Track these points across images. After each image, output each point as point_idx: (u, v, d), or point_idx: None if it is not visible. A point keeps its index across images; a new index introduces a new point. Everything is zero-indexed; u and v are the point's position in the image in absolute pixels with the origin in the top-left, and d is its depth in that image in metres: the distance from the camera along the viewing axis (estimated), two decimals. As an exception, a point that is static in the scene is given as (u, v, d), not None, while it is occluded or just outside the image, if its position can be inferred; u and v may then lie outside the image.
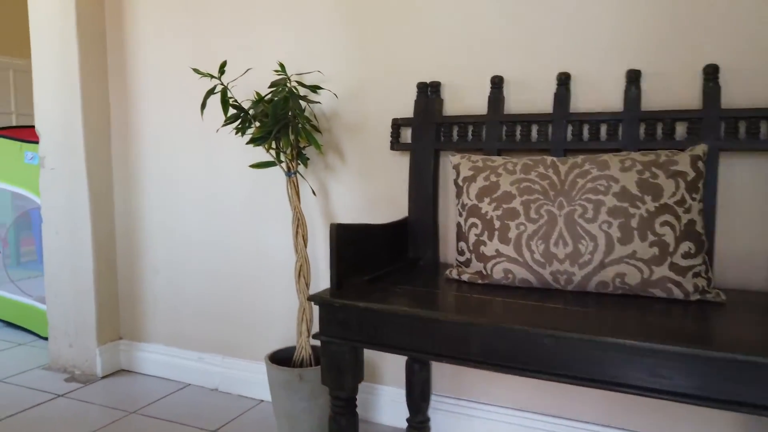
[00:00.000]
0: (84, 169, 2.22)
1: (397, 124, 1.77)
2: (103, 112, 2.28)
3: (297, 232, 1.77)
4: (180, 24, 2.13)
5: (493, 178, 1.48)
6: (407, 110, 1.79)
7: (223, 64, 1.80)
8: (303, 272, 1.76)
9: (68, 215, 2.28)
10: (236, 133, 1.79)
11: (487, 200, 1.47)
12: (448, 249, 1.77)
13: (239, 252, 2.11)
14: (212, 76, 1.78)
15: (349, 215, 1.91)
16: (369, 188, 1.88)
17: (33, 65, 2.27)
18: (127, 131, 2.29)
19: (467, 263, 1.49)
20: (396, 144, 1.77)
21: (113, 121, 2.31)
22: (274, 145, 1.76)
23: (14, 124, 5.83)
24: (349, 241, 1.43)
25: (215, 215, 2.15)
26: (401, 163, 1.81)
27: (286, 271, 2.03)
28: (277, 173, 2.01)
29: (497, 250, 1.41)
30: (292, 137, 1.73)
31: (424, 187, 1.72)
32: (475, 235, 1.47)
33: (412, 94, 1.78)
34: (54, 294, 2.35)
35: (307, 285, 1.77)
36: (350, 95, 1.88)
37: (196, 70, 1.78)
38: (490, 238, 1.43)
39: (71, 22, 2.16)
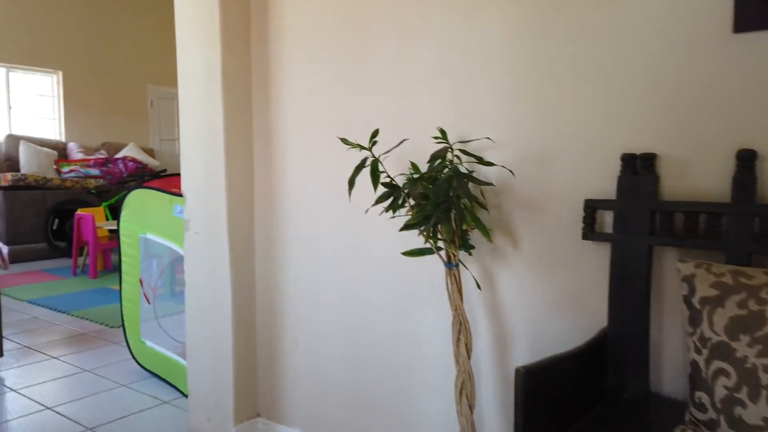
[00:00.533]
0: (226, 236, 2.08)
1: (591, 207, 1.36)
2: (246, 177, 2.13)
3: (458, 339, 1.43)
4: (329, 86, 1.91)
5: (754, 306, 1.03)
6: (606, 189, 1.38)
7: (375, 134, 1.53)
8: (466, 391, 1.41)
9: (209, 282, 2.16)
10: (386, 211, 1.51)
11: (745, 339, 1.02)
12: (663, 375, 1.32)
13: (385, 338, 1.82)
14: (362, 147, 1.51)
15: (523, 317, 1.53)
16: (549, 283, 1.48)
17: (180, 126, 2.19)
18: (271, 198, 2.12)
19: (711, 425, 1.04)
20: (590, 232, 1.36)
21: (257, 187, 2.15)
22: (431, 231, 1.44)
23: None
24: (537, 389, 1.06)
25: (360, 294, 1.88)
26: (597, 256, 1.40)
27: (440, 366, 1.69)
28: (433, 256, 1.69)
29: (766, 419, 0.96)
30: (454, 223, 1.40)
31: (631, 294, 1.30)
32: (725, 387, 1.02)
33: (614, 167, 1.36)
34: (194, 364, 2.24)
35: (471, 408, 1.42)
36: (526, 167, 1.50)
37: (344, 141, 1.53)
38: (754, 399, 0.98)
39: (217, 83, 2.03)
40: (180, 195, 2.64)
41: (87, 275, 5.29)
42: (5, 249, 2.91)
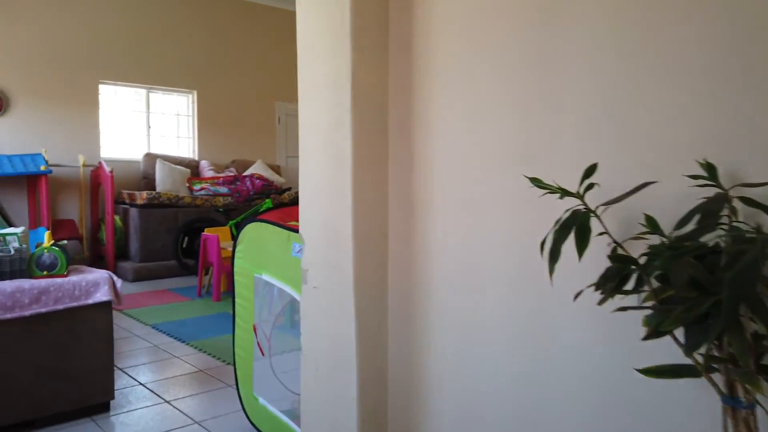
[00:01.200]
0: (352, 296, 1.60)
1: None
2: (380, 221, 1.64)
3: None
4: (502, 99, 1.35)
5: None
6: None
7: (591, 171, 0.95)
8: None
9: (329, 352, 1.69)
10: (606, 297, 0.92)
11: None
12: None
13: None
14: (567, 193, 0.94)
15: None
16: None
17: (300, 153, 1.76)
18: (412, 249, 1.61)
19: None
20: None
21: (392, 234, 1.65)
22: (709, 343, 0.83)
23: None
24: None
25: (540, 401, 1.30)
26: None
27: None
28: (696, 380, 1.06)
29: None
30: (749, 334, 0.78)
31: None
32: None
33: None
34: (310, 450, 1.78)
35: None
36: None
37: (536, 182, 0.96)
38: None
39: (345, 97, 1.57)
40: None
41: (211, 296, 5.19)
42: (119, 283, 2.71)
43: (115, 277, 2.70)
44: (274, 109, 8.34)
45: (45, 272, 2.52)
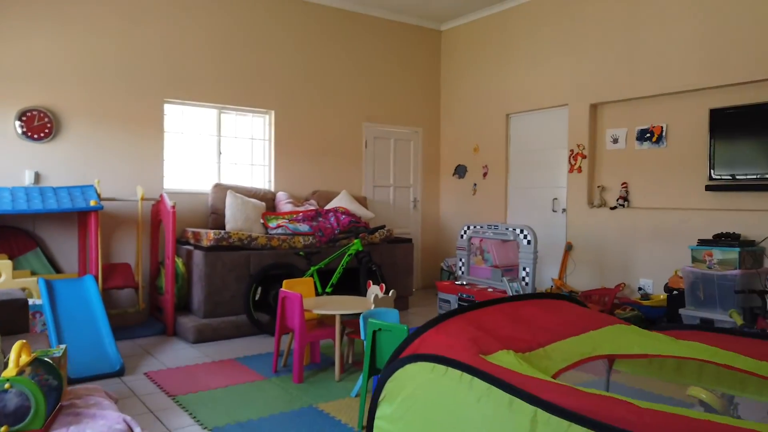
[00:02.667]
0: None
1: None
2: None
3: None
4: None
5: None
6: None
7: None
8: None
9: None
10: None
11: None
12: None
13: None
14: None
15: None
16: None
17: None
18: None
19: None
20: None
21: None
22: None
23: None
24: None
25: None
26: None
27: None
28: None
29: None
30: None
31: None
32: None
33: None
34: None
35: None
36: None
37: None
38: None
39: None
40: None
41: (291, 373, 3.93)
42: (137, 429, 1.49)
43: (134, 425, 1.45)
44: (362, 131, 7.16)
45: (4, 428, 1.30)
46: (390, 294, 3.82)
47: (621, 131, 5.72)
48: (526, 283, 4.18)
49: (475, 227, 4.70)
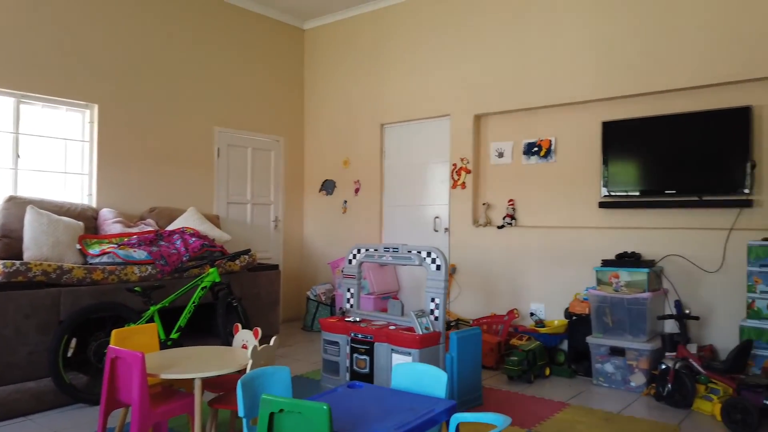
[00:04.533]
0: None
1: None
2: None
3: None
4: None
5: None
6: None
7: None
8: None
9: None
10: None
11: None
12: None
13: None
14: None
15: None
16: None
17: None
18: None
19: None
20: None
21: None
22: None
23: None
24: None
25: None
26: None
27: None
28: None
29: None
30: None
31: None
32: None
33: None
34: None
35: None
36: None
37: None
38: None
39: None
40: None
41: (122, 467, 2.68)
42: None
43: None
44: (213, 137, 5.98)
45: None
46: (272, 343, 2.81)
47: (507, 144, 5.35)
48: (436, 318, 3.44)
49: (368, 250, 3.87)
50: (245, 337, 3.09)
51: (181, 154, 5.66)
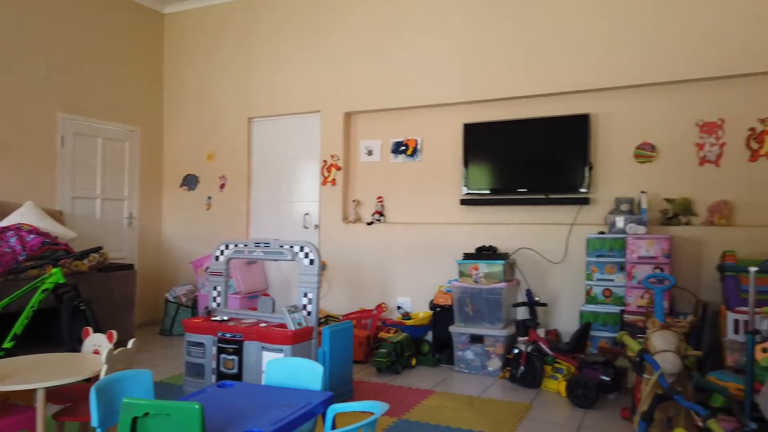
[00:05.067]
0: None
1: None
2: None
3: None
4: None
5: None
6: None
7: None
8: None
9: None
10: None
11: None
12: None
13: None
14: None
15: None
16: None
17: None
18: None
19: None
20: None
21: None
22: None
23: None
24: None
25: None
26: None
27: None
28: None
29: None
30: None
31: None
32: None
33: None
34: None
35: None
36: None
37: None
38: None
39: None
40: None
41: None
42: None
43: None
44: (55, 124, 5.36)
45: None
46: (130, 346, 2.58)
47: (376, 143, 5.46)
48: (309, 313, 3.40)
49: (237, 245, 3.71)
50: (97, 342, 2.81)
51: (17, 141, 5.01)
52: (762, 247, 3.86)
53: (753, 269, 2.74)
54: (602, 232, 4.23)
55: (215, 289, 3.81)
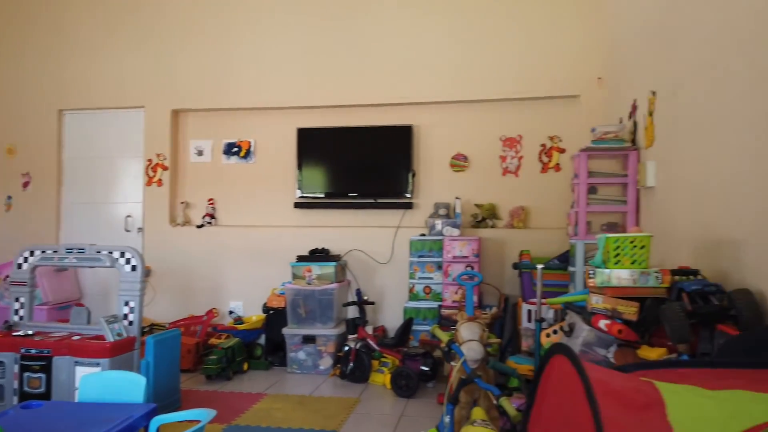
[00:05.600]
0: None
1: None
2: None
3: None
4: None
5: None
6: None
7: None
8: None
9: None
10: None
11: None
12: None
13: None
14: None
15: None
16: None
17: None
18: None
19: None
20: None
21: None
22: None
23: None
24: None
25: None
26: None
27: None
28: None
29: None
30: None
31: None
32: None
33: None
34: None
35: None
36: None
37: None
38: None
39: None
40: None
41: None
42: None
43: None
44: None
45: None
46: None
47: (206, 143, 5.30)
48: (131, 322, 3.21)
49: (45, 252, 3.36)
50: None
51: None
52: (551, 246, 4.52)
53: (540, 266, 3.24)
54: (423, 234, 4.61)
55: (17, 300, 3.42)
